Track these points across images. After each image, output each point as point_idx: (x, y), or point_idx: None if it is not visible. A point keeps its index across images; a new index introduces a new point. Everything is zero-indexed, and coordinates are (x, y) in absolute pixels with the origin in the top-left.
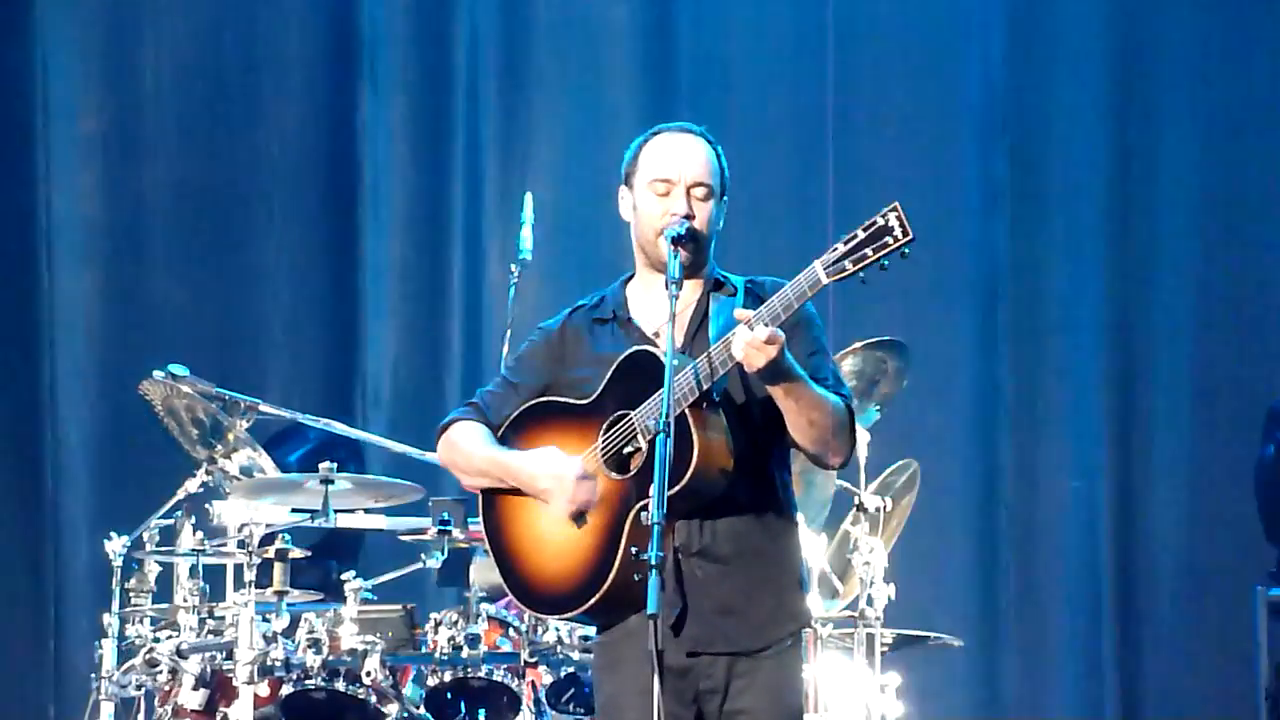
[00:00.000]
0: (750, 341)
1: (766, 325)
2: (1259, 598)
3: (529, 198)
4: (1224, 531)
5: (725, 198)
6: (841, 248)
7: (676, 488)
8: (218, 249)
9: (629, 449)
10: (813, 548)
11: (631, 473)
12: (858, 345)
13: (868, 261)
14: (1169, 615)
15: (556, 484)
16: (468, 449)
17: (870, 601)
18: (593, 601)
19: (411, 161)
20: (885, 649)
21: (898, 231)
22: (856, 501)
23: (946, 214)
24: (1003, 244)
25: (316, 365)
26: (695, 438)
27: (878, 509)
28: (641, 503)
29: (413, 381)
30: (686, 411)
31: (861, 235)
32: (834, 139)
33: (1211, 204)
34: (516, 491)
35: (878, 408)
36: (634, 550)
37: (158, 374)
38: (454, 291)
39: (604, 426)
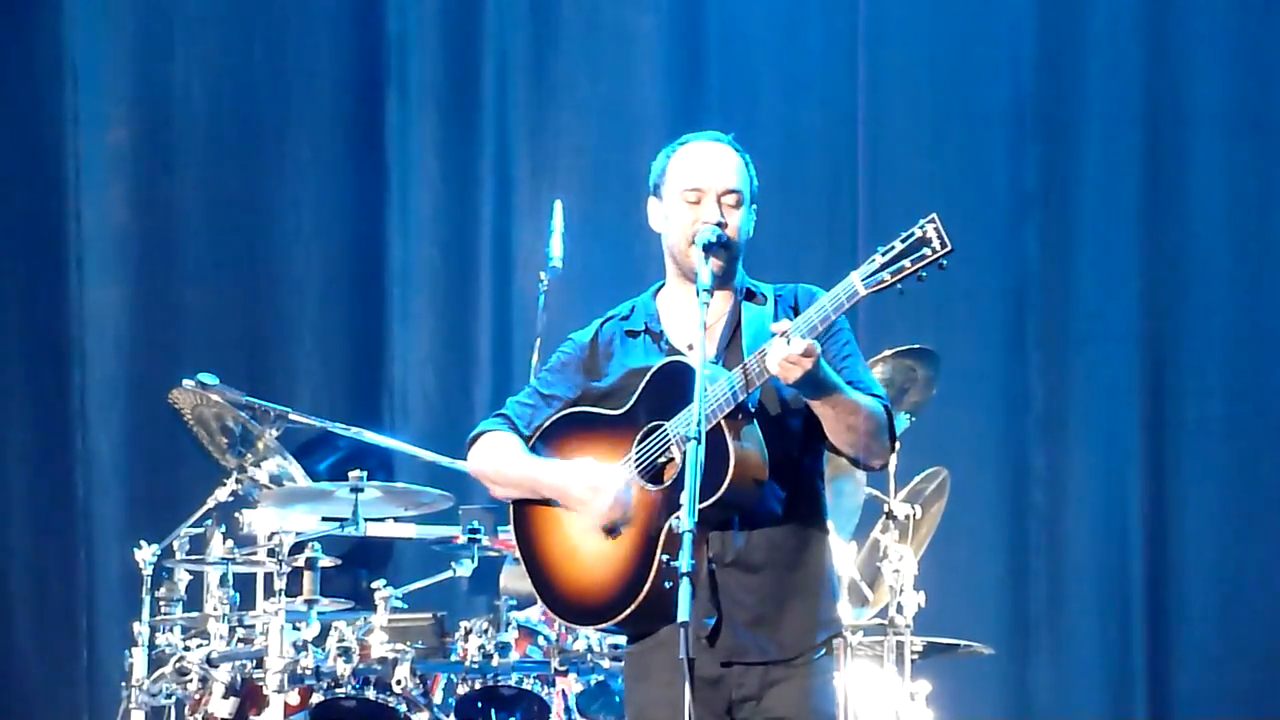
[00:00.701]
0: (787, 356)
1: (803, 338)
2: None
3: (558, 205)
4: (1256, 539)
5: (754, 205)
6: (879, 259)
7: (712, 499)
8: (247, 259)
9: (663, 459)
10: (842, 556)
11: (666, 484)
12: (887, 353)
13: (905, 273)
14: (1200, 624)
15: (592, 495)
16: (499, 460)
17: (900, 609)
18: (629, 611)
19: (439, 169)
20: (915, 657)
21: (936, 243)
22: (886, 509)
23: (976, 221)
24: (1033, 251)
25: (345, 374)
26: (731, 449)
27: (907, 517)
28: (676, 513)
29: (441, 390)
30: (722, 423)
31: (899, 247)
32: (864, 146)
33: (1244, 210)
34: (548, 501)
35: (909, 416)
36: (665, 559)
37: (187, 383)
38: (483, 300)
39: (638, 437)
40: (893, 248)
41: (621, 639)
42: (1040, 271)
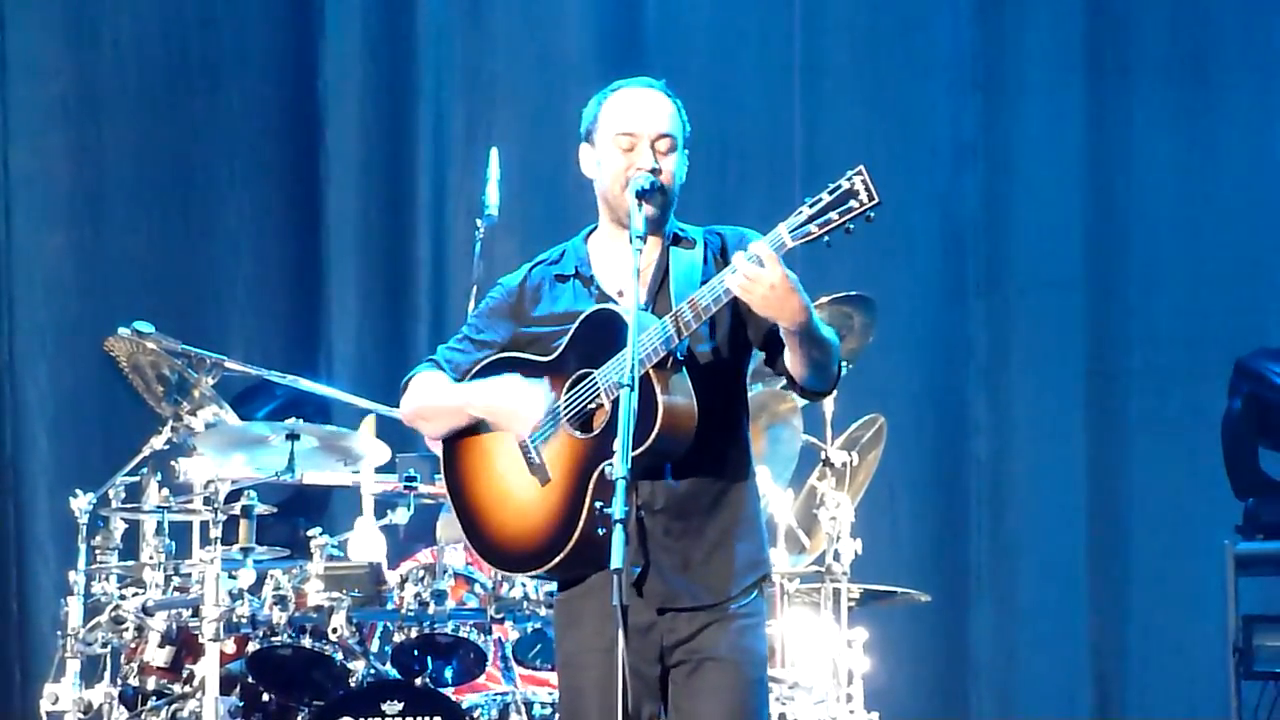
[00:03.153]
0: (746, 271)
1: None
2: (1227, 552)
3: (494, 153)
4: (1199, 488)
5: (687, 151)
6: (807, 210)
7: (641, 448)
8: (179, 208)
9: (592, 406)
10: (779, 503)
11: (595, 431)
12: (823, 300)
13: (833, 225)
14: (1143, 570)
15: (520, 402)
16: (430, 394)
17: (837, 556)
18: (559, 559)
19: (375, 118)
20: (852, 604)
21: (864, 195)
22: (823, 457)
23: (916, 169)
24: (973, 199)
25: (279, 324)
26: (659, 398)
27: (844, 464)
28: (606, 460)
29: (376, 340)
30: (650, 372)
31: (827, 199)
32: (801, 92)
33: (1186, 157)
34: (479, 448)
35: (846, 364)
36: (598, 505)
37: (123, 331)
38: (419, 249)
39: (567, 385)
40: (820, 199)
41: (555, 586)
42: (981, 219)
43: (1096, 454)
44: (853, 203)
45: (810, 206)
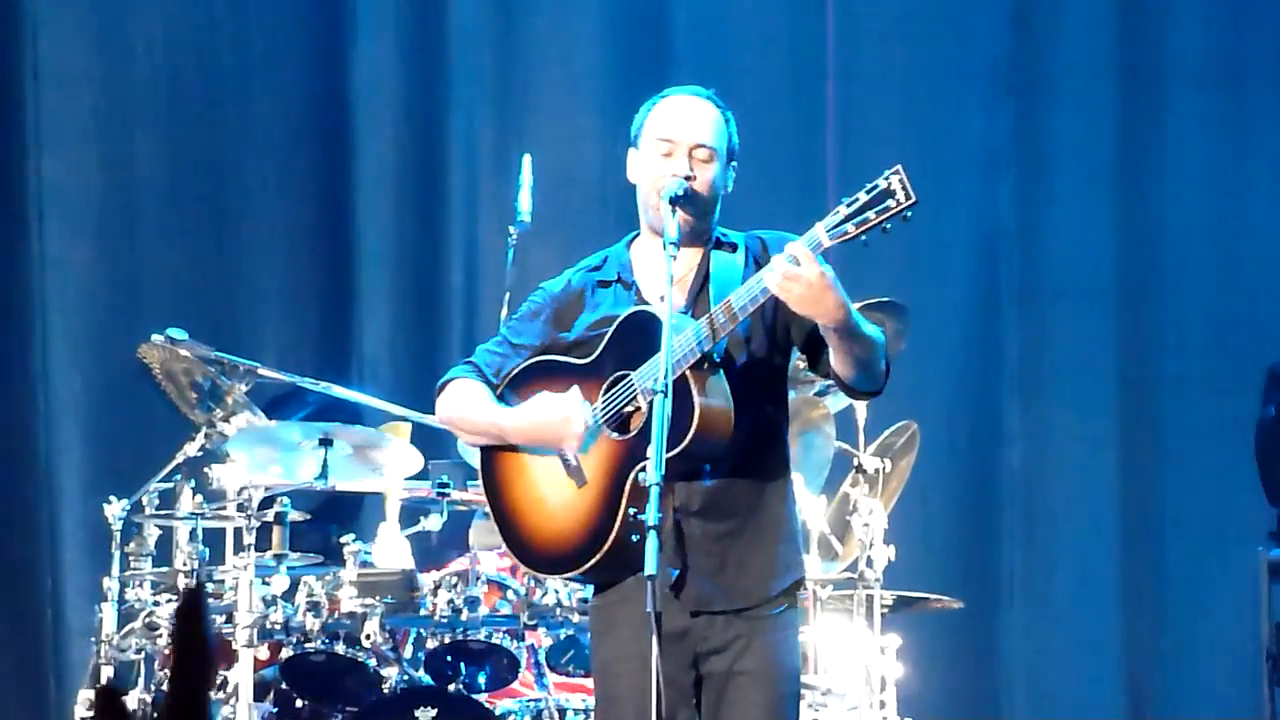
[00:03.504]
0: (786, 272)
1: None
2: (1260, 559)
3: (527, 160)
4: (1237, 495)
5: (733, 162)
6: (844, 210)
7: (676, 449)
8: (211, 216)
9: (629, 409)
10: (812, 509)
11: (632, 433)
12: (856, 306)
13: (870, 225)
14: (1176, 577)
15: (563, 420)
16: (465, 407)
17: (870, 563)
18: (593, 561)
19: (406, 126)
20: (885, 611)
21: (900, 195)
22: (855, 463)
23: (949, 175)
24: (1006, 206)
25: (311, 332)
26: (695, 400)
27: (877, 470)
28: (641, 464)
29: (408, 347)
30: (687, 373)
31: (864, 198)
32: (835, 99)
33: (1219, 164)
34: (516, 449)
35: None
36: (632, 512)
37: (156, 338)
38: (450, 256)
39: (604, 387)
40: (857, 199)
41: (589, 592)
42: (1014, 226)
43: (1129, 461)
44: (890, 202)
45: (847, 206)
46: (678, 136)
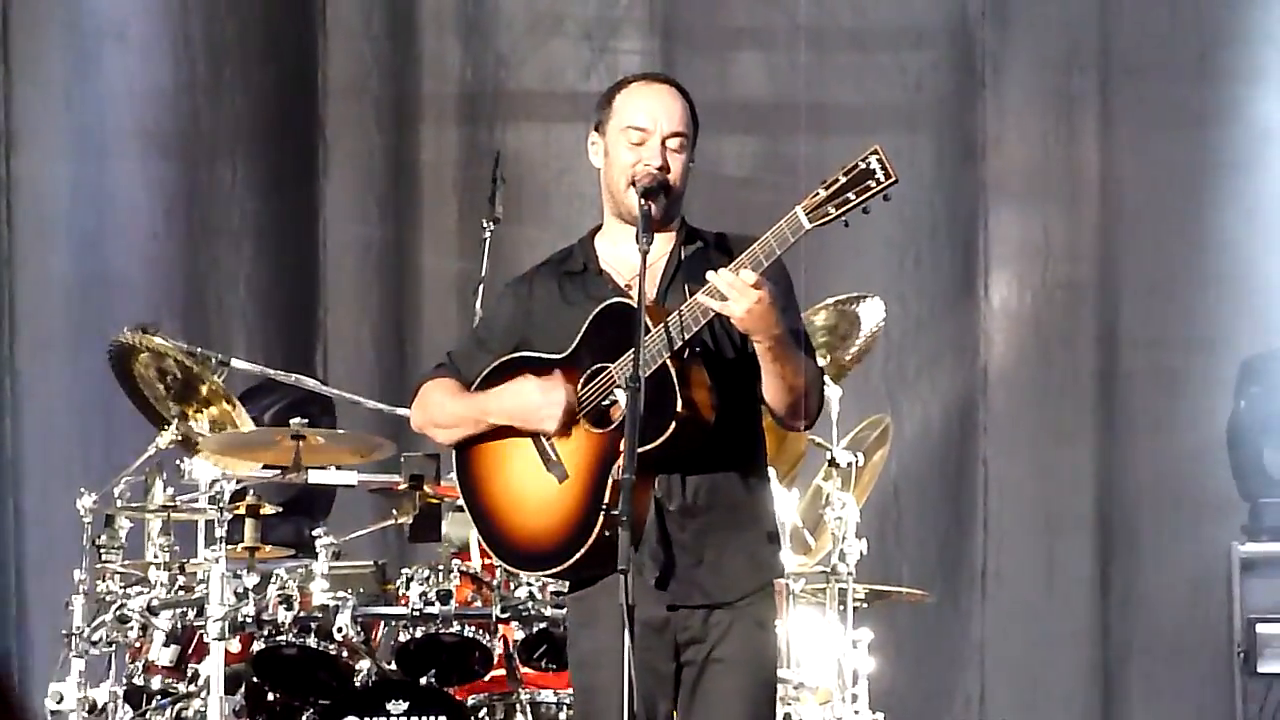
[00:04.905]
0: (732, 283)
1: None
2: (1233, 553)
3: (498, 156)
4: (1205, 488)
5: (694, 149)
6: (823, 192)
7: (659, 441)
8: (184, 208)
9: (607, 402)
10: (785, 503)
11: (612, 426)
12: (829, 301)
13: (850, 206)
14: (1149, 571)
15: (545, 398)
16: (443, 402)
17: (842, 557)
18: (575, 559)
19: (375, 115)
20: (858, 604)
21: (880, 174)
22: (829, 457)
23: (922, 167)
24: (979, 196)
25: (278, 323)
26: (678, 390)
27: (850, 464)
28: (620, 458)
29: (375, 340)
30: (668, 363)
31: (843, 179)
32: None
33: (1185, 151)
34: (493, 445)
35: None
36: (610, 507)
37: (128, 329)
38: (420, 249)
39: (582, 380)
40: (836, 180)
41: (564, 585)
42: (985, 217)
43: (1103, 454)
44: (870, 182)
45: (826, 187)
46: (652, 125)
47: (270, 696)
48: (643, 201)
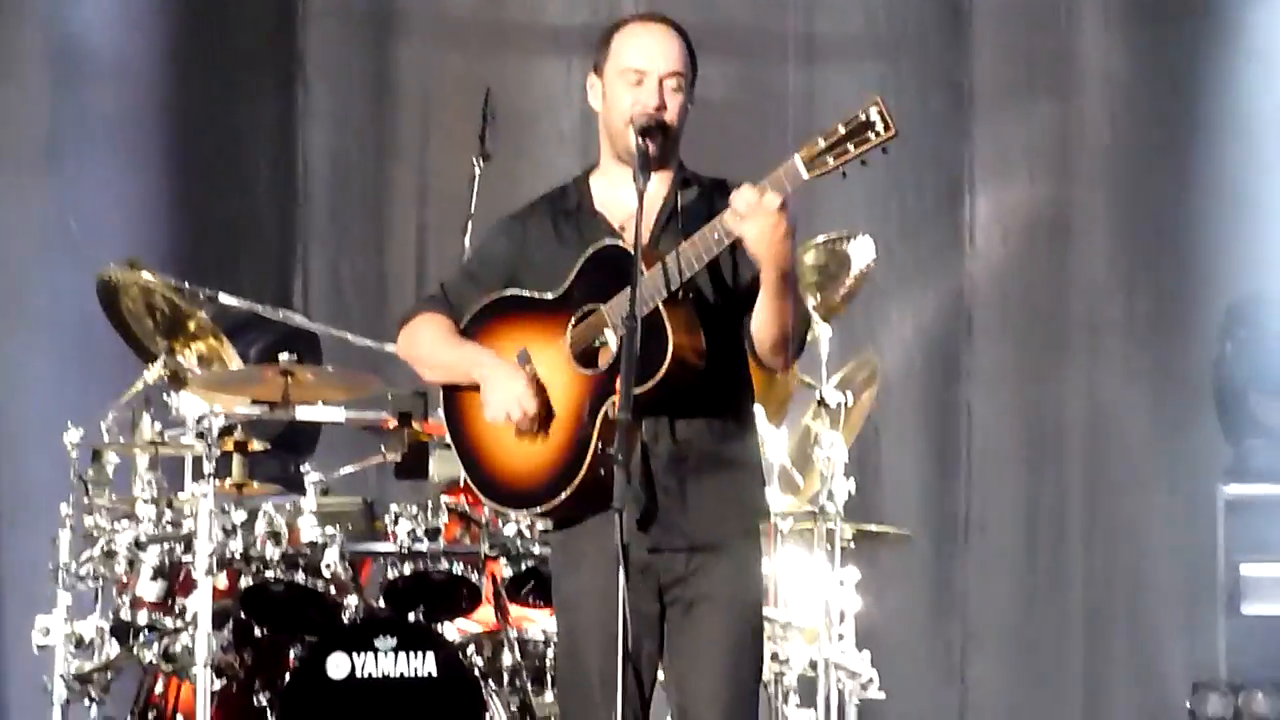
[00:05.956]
0: (755, 204)
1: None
2: (1218, 495)
3: (488, 91)
4: (1191, 431)
5: (693, 89)
6: (823, 142)
7: (650, 384)
8: (165, 148)
9: (598, 343)
10: (773, 442)
11: (601, 368)
12: (820, 239)
13: (849, 157)
14: (1134, 512)
15: (500, 388)
16: (428, 344)
17: (830, 496)
18: (563, 496)
19: (356, 58)
20: (845, 544)
21: (880, 126)
22: (817, 396)
23: (914, 115)
24: (971, 142)
25: (257, 260)
26: (670, 334)
27: (838, 404)
28: (611, 398)
29: (356, 279)
30: (660, 307)
31: (843, 130)
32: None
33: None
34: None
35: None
36: (601, 445)
37: (114, 264)
38: (403, 188)
39: (573, 320)
40: (836, 130)
41: (548, 524)
42: (979, 163)
43: (1088, 399)
44: (869, 134)
45: (825, 138)
46: (649, 66)
47: (258, 632)
48: (640, 140)
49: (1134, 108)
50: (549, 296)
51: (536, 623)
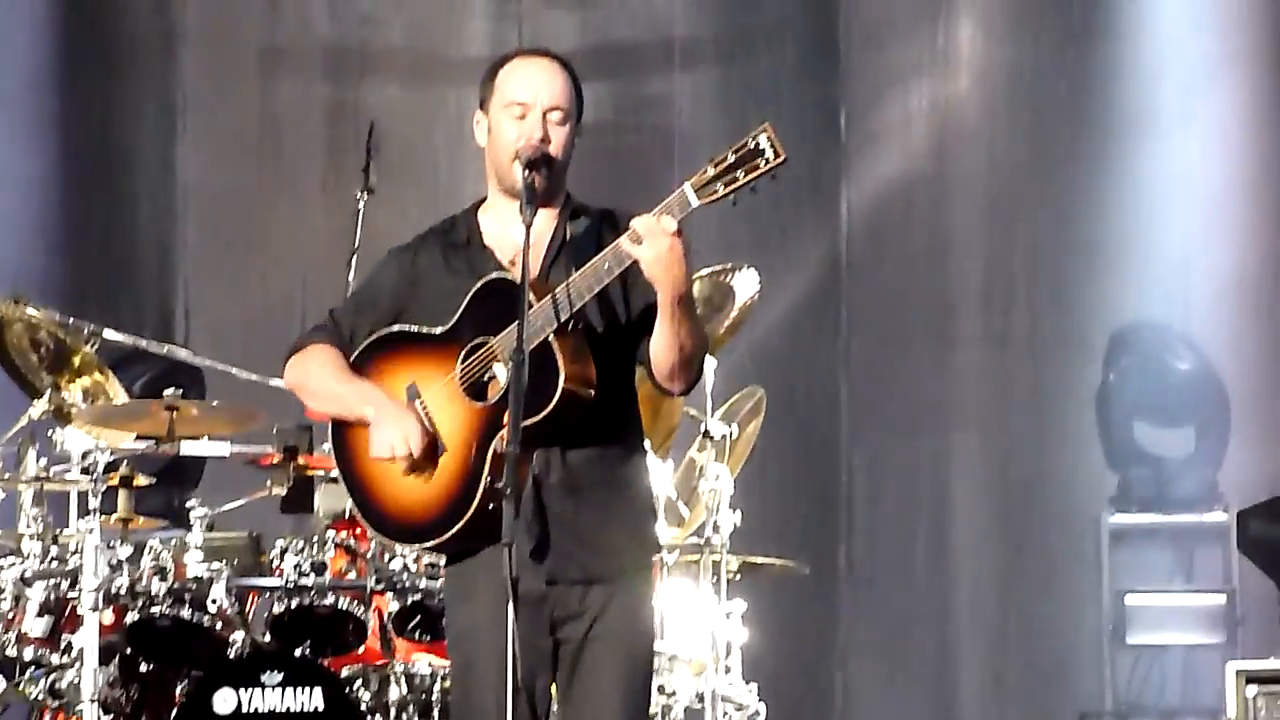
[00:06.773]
0: (653, 228)
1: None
2: (1102, 525)
3: (372, 125)
4: (1078, 460)
5: (579, 122)
6: (712, 170)
7: (540, 415)
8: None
9: (487, 377)
10: (659, 474)
11: (490, 400)
12: (704, 272)
13: (739, 184)
14: (1020, 542)
15: (389, 428)
16: (318, 375)
17: (716, 528)
18: (454, 531)
19: (235, 78)
20: (731, 576)
21: (769, 153)
22: (702, 428)
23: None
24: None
25: (139, 294)
26: (561, 365)
27: (724, 436)
28: (500, 432)
29: (239, 312)
30: (551, 338)
31: (732, 158)
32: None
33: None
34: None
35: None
36: (489, 479)
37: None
38: (286, 215)
39: (462, 354)
40: (725, 158)
41: (440, 558)
42: (856, 190)
43: (970, 426)
44: (759, 160)
45: (715, 165)
46: (533, 99)
47: (144, 667)
48: (526, 173)
49: (1016, 132)
50: (437, 331)
51: (423, 658)
